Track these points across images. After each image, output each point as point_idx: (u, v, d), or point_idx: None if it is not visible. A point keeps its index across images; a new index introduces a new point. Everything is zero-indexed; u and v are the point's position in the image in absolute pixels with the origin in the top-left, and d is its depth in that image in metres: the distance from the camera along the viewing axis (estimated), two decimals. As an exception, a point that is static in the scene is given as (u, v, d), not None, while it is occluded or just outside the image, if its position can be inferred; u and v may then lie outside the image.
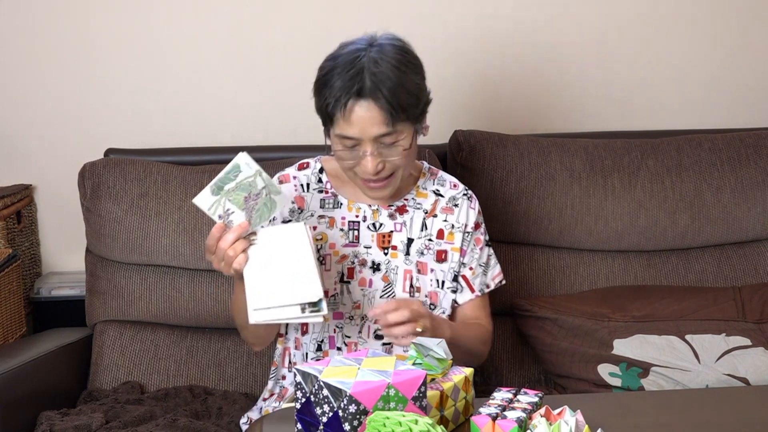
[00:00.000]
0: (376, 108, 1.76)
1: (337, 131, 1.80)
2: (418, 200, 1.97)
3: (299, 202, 1.94)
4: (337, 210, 1.94)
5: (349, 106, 1.76)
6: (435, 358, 1.53)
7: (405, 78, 1.79)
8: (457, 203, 1.99)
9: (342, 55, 1.81)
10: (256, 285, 1.62)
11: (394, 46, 1.81)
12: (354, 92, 1.76)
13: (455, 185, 2.02)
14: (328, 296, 1.89)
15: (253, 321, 1.60)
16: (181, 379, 2.30)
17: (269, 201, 1.66)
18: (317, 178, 1.97)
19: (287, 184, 1.95)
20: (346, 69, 1.78)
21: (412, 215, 1.95)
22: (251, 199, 1.64)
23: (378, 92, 1.75)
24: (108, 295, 2.35)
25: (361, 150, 1.80)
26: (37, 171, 2.67)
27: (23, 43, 2.61)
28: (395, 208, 1.95)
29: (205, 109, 2.68)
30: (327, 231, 1.92)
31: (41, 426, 2.01)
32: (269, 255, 1.65)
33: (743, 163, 2.47)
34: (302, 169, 1.98)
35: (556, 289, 2.43)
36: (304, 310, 1.60)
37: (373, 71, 1.76)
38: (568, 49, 2.75)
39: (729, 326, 2.20)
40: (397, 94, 1.77)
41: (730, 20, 2.79)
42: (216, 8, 2.64)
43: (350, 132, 1.78)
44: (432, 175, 2.02)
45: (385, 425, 1.30)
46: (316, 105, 1.85)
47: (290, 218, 1.93)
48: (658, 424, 1.59)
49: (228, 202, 1.63)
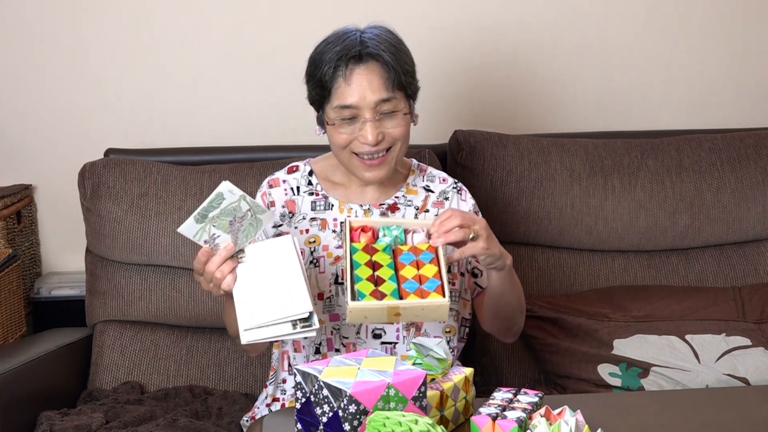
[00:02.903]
0: (377, 70, 1.78)
1: (335, 103, 1.80)
2: (409, 197, 1.97)
3: (290, 206, 1.94)
4: (328, 212, 1.94)
5: (349, 71, 1.78)
6: (435, 358, 1.53)
7: (401, 47, 1.84)
8: (447, 196, 1.99)
9: (332, 35, 1.85)
10: (246, 305, 1.61)
11: (384, 27, 1.86)
12: (353, 55, 1.79)
13: (444, 179, 2.02)
14: (323, 298, 1.89)
15: (245, 341, 1.58)
16: (181, 379, 2.30)
17: (254, 221, 1.65)
18: (307, 180, 1.97)
19: (277, 189, 1.95)
20: (341, 40, 1.82)
21: (403, 212, 1.95)
22: (236, 222, 1.63)
23: (378, 54, 1.79)
24: (108, 295, 2.35)
25: (360, 120, 1.80)
26: (37, 171, 2.67)
27: (23, 44, 2.61)
28: (386, 206, 1.95)
29: (205, 109, 2.68)
30: (319, 233, 1.92)
31: (41, 426, 2.01)
32: (257, 272, 1.64)
33: (743, 163, 2.47)
34: (292, 172, 1.98)
35: (556, 289, 2.43)
36: (296, 325, 1.58)
37: (369, 37, 1.81)
38: (568, 49, 2.75)
39: (729, 326, 2.20)
40: (397, 55, 1.81)
41: (731, 20, 2.79)
42: (216, 8, 2.64)
43: (350, 100, 1.79)
44: (421, 172, 2.02)
45: (385, 425, 1.30)
46: (311, 85, 1.86)
47: (281, 222, 1.93)
48: (658, 424, 1.59)
49: (213, 227, 1.62)
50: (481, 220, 1.75)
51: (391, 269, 1.66)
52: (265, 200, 1.95)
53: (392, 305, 1.60)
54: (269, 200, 1.95)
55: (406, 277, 1.65)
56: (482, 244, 1.71)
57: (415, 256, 1.69)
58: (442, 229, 1.70)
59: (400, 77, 1.80)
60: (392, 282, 1.64)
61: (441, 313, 1.62)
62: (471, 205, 2.00)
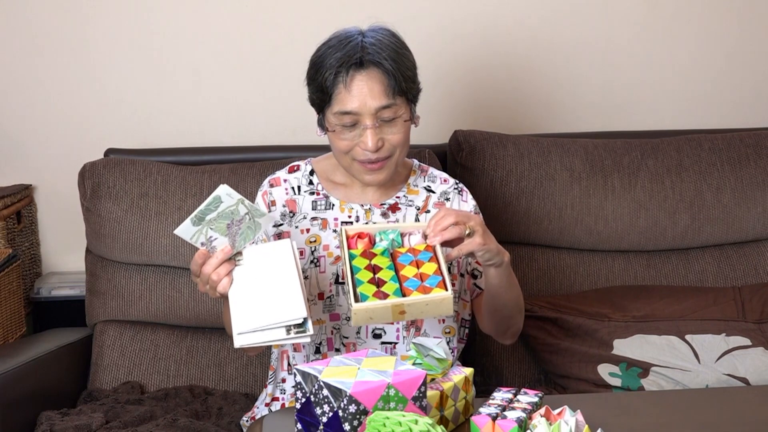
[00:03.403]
0: (378, 76, 1.78)
1: (335, 108, 1.80)
2: (410, 197, 1.97)
3: (291, 206, 1.94)
4: (329, 211, 1.94)
5: (350, 77, 1.78)
6: (435, 358, 1.53)
7: (403, 52, 1.84)
8: (448, 197, 1.99)
9: (334, 38, 1.84)
10: (240, 308, 1.60)
11: (386, 30, 1.86)
12: (354, 62, 1.78)
13: (445, 180, 2.02)
14: (323, 298, 1.89)
15: (238, 345, 1.57)
16: (181, 379, 2.30)
17: (253, 223, 1.64)
18: (308, 180, 1.97)
19: (278, 188, 1.95)
20: (342, 44, 1.81)
21: (404, 212, 1.95)
22: (234, 225, 1.62)
23: (379, 61, 1.78)
24: (108, 295, 2.35)
25: (360, 126, 1.80)
26: (37, 171, 2.67)
27: (23, 44, 2.61)
28: (387, 206, 1.95)
29: (205, 109, 2.68)
30: (320, 233, 1.92)
31: (41, 426, 2.01)
32: (254, 275, 1.63)
33: (743, 163, 2.47)
34: (293, 171, 1.99)
35: (556, 289, 2.43)
36: (289, 331, 1.57)
37: (371, 42, 1.80)
38: (568, 49, 2.75)
39: (729, 326, 2.20)
40: (398, 61, 1.80)
41: (731, 20, 2.79)
42: (216, 8, 2.64)
43: (350, 106, 1.79)
44: (422, 172, 2.02)
45: (385, 425, 1.30)
46: (311, 89, 1.85)
47: (282, 221, 1.93)
48: (658, 424, 1.59)
49: (210, 230, 1.61)
50: (476, 216, 1.76)
51: (392, 270, 1.66)
52: (266, 199, 1.95)
53: (396, 303, 1.60)
54: (270, 199, 1.95)
55: (407, 276, 1.65)
56: (479, 240, 1.71)
57: (414, 257, 1.69)
58: (437, 228, 1.70)
59: (401, 84, 1.80)
60: (394, 282, 1.64)
61: (445, 306, 1.61)
62: (472, 206, 2.00)
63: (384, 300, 1.60)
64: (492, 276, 1.83)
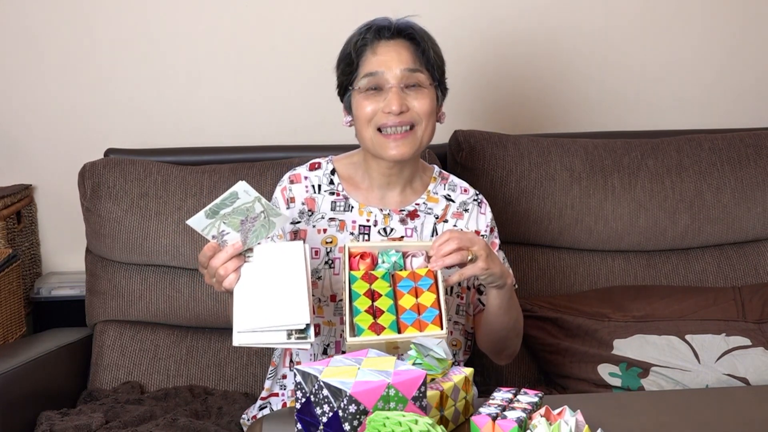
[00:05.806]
0: (406, 45, 1.84)
1: (363, 71, 1.83)
2: (429, 205, 1.96)
3: (310, 204, 1.93)
4: (347, 213, 1.92)
5: (379, 44, 1.84)
6: (435, 358, 1.53)
7: (432, 37, 1.90)
8: (467, 208, 1.97)
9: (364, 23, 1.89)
10: (243, 306, 1.58)
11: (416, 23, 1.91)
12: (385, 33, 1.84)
13: (466, 190, 2.00)
14: (335, 300, 1.88)
15: (237, 343, 1.56)
16: (181, 379, 2.30)
17: (267, 222, 1.62)
18: (329, 179, 1.95)
19: (298, 185, 1.94)
20: (374, 23, 1.87)
21: (423, 220, 1.93)
22: (248, 222, 1.61)
23: (408, 33, 1.85)
24: (108, 295, 2.35)
25: (385, 90, 1.82)
26: (37, 171, 2.67)
27: (23, 44, 2.61)
28: (407, 213, 1.93)
29: (205, 109, 2.68)
30: (337, 234, 1.90)
31: (41, 426, 2.01)
32: (262, 275, 1.61)
33: (743, 163, 2.47)
34: (314, 169, 1.96)
35: (556, 289, 2.43)
36: (290, 335, 1.56)
37: (402, 21, 1.87)
38: (568, 49, 2.75)
39: (729, 326, 2.20)
40: (427, 39, 1.87)
41: (731, 20, 2.80)
42: (216, 8, 2.64)
43: (376, 67, 1.82)
44: (443, 180, 2.00)
45: (385, 425, 1.30)
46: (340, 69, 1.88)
47: (299, 219, 1.92)
48: (658, 424, 1.59)
49: (223, 224, 1.59)
50: (481, 240, 1.74)
51: (390, 298, 1.67)
52: (285, 195, 1.93)
53: (390, 339, 1.62)
54: (289, 195, 1.92)
55: (404, 308, 1.66)
56: (481, 265, 1.71)
57: (414, 283, 1.69)
58: (440, 253, 1.70)
59: (429, 54, 1.84)
60: (391, 313, 1.65)
61: None
62: (489, 219, 1.99)
63: (378, 336, 1.63)
64: (493, 296, 1.83)
